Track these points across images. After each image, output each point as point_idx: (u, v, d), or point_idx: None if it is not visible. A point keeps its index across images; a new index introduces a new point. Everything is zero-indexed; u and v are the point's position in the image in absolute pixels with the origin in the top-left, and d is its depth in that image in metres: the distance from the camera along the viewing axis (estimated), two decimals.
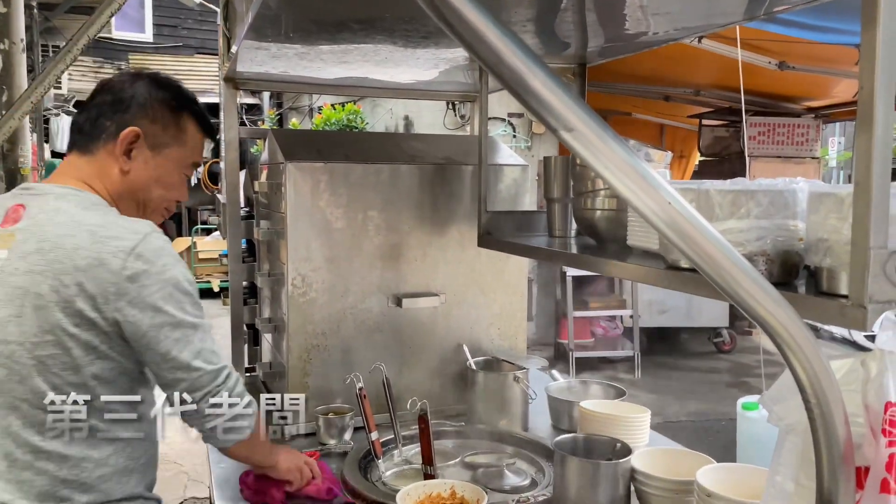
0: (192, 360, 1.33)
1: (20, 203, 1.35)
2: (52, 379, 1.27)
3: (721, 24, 1.79)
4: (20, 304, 1.26)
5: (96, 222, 1.31)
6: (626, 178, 0.73)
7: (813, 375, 0.82)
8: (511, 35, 0.68)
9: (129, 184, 1.44)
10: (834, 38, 4.55)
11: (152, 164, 1.45)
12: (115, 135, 1.41)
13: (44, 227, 1.30)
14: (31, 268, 1.26)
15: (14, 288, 1.26)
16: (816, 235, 1.00)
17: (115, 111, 1.42)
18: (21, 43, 2.74)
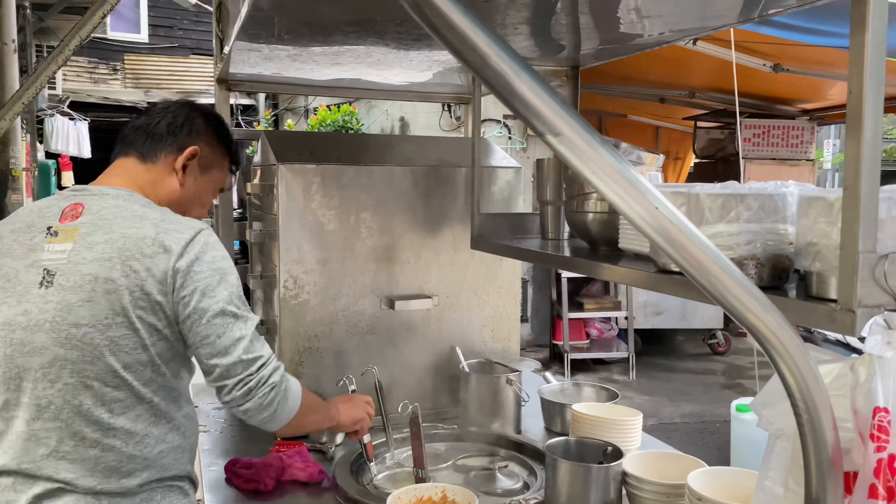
0: (230, 347, 1.40)
1: (77, 202, 1.45)
2: (123, 358, 1.36)
3: (715, 26, 1.79)
4: (91, 289, 1.34)
5: (157, 217, 1.44)
6: (612, 183, 0.73)
7: (801, 380, 0.82)
8: (497, 38, 0.68)
9: (179, 195, 1.58)
10: (828, 40, 4.56)
11: (200, 181, 1.62)
12: (178, 151, 1.56)
13: (109, 220, 1.41)
14: (99, 256, 1.36)
15: (83, 275, 1.35)
16: (806, 239, 1.00)
17: (179, 130, 1.58)
18: (13, 43, 2.72)
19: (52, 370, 1.34)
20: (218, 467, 1.94)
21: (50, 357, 1.34)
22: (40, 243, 1.39)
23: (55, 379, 1.34)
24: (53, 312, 1.34)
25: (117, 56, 12.35)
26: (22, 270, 1.38)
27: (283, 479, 1.84)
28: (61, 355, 1.34)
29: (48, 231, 1.40)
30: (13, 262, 1.39)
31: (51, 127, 9.78)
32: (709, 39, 4.69)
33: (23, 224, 1.45)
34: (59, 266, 1.36)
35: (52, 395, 1.34)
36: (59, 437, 1.34)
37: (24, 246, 1.40)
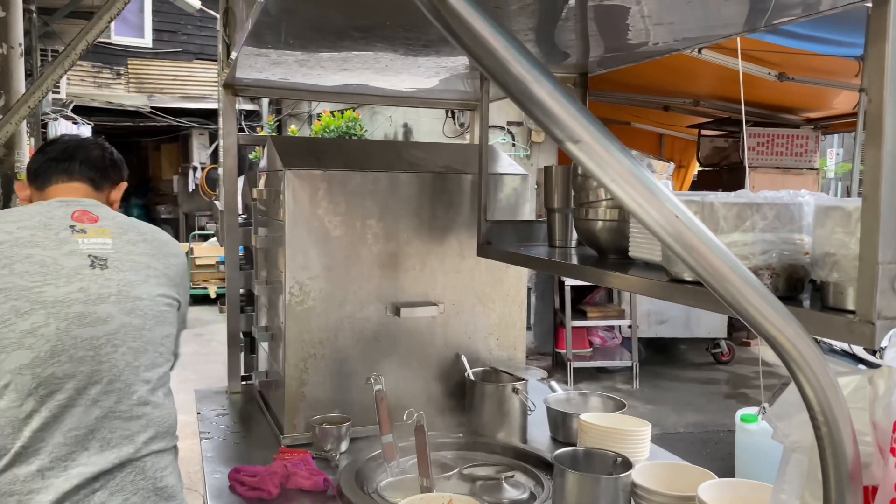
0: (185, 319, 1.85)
1: (81, 209, 1.66)
2: (167, 329, 1.68)
3: (722, 35, 1.78)
4: (145, 272, 1.64)
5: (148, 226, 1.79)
6: (632, 191, 0.72)
7: (821, 393, 0.80)
8: (516, 44, 0.67)
9: None
10: (834, 49, 4.56)
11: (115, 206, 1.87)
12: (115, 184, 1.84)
13: (135, 225, 1.73)
14: (143, 251, 1.67)
15: (135, 262, 1.64)
16: (823, 249, 0.98)
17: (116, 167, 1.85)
18: (19, 47, 2.72)
19: (119, 335, 1.55)
20: (221, 475, 1.92)
21: (117, 324, 1.56)
22: (69, 238, 1.58)
23: (120, 343, 1.55)
24: (118, 287, 1.58)
25: (121, 60, 12.37)
26: (60, 258, 1.55)
27: (287, 486, 1.82)
28: (127, 322, 1.57)
29: (72, 229, 1.60)
30: (44, 251, 1.54)
31: (55, 131, 9.77)
32: (714, 48, 4.69)
33: (33, 222, 1.59)
34: (108, 254, 1.61)
35: (117, 359, 1.54)
36: (118, 398, 1.54)
37: (50, 239, 1.56)
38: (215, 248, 11.20)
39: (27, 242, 1.54)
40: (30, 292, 1.49)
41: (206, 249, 11.48)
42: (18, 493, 1.43)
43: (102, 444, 1.51)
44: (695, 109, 6.78)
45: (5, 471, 1.44)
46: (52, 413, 1.46)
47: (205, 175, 13.03)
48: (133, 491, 1.53)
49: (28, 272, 1.50)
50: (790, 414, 1.05)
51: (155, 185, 16.12)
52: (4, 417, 1.44)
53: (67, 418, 1.48)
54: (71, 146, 1.79)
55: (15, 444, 1.44)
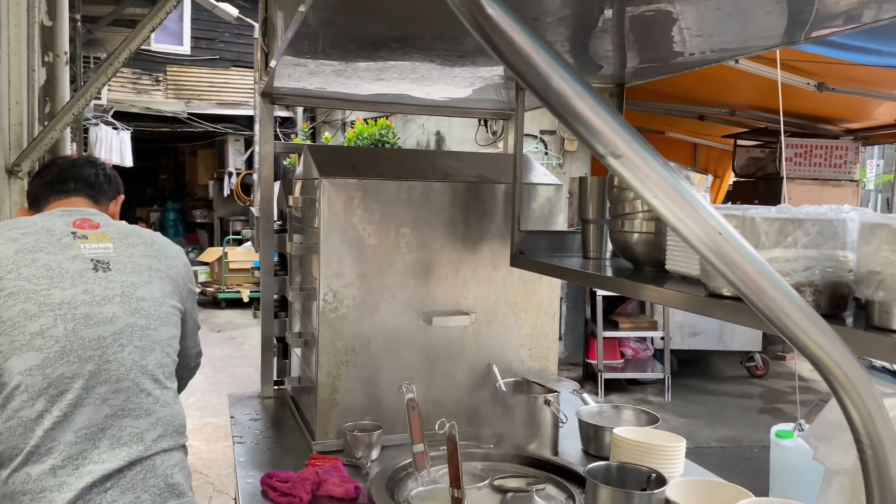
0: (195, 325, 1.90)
1: (82, 217, 1.72)
2: (172, 329, 1.71)
3: (760, 47, 1.76)
4: (147, 274, 1.69)
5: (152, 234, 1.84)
6: (674, 207, 0.71)
7: (866, 415, 0.78)
8: (559, 58, 0.67)
9: None
10: (875, 59, 4.47)
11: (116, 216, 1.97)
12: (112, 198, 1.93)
13: (135, 230, 1.78)
14: (144, 253, 1.72)
15: (138, 264, 1.69)
16: (868, 267, 0.96)
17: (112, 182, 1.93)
18: (65, 56, 2.79)
19: (125, 335, 1.59)
20: (254, 479, 1.94)
21: (122, 324, 1.59)
22: (71, 243, 1.63)
23: (127, 342, 1.59)
24: (121, 288, 1.62)
25: (160, 67, 12.62)
26: (64, 262, 1.60)
27: (318, 493, 1.83)
28: (132, 321, 1.61)
29: (74, 235, 1.65)
30: (49, 255, 1.59)
31: (95, 136, 10.01)
32: (751, 58, 4.63)
33: (36, 228, 1.65)
34: (110, 257, 1.65)
35: (123, 358, 1.57)
36: (126, 397, 1.57)
37: (53, 245, 1.62)
38: (249, 253, 11.33)
39: (32, 248, 1.59)
40: (38, 295, 1.53)
41: (240, 254, 11.62)
42: (31, 492, 1.45)
43: (113, 442, 1.53)
44: (731, 119, 6.69)
45: (18, 470, 1.46)
46: (63, 412, 1.49)
47: (240, 181, 13.21)
48: (144, 489, 1.56)
49: (35, 276, 1.55)
50: (831, 435, 1.03)
51: (191, 190, 16.39)
52: (16, 418, 1.47)
53: (77, 417, 1.51)
54: (65, 167, 1.87)
55: (28, 444, 1.47)
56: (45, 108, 2.73)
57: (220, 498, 4.41)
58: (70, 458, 1.48)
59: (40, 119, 2.71)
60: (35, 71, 2.64)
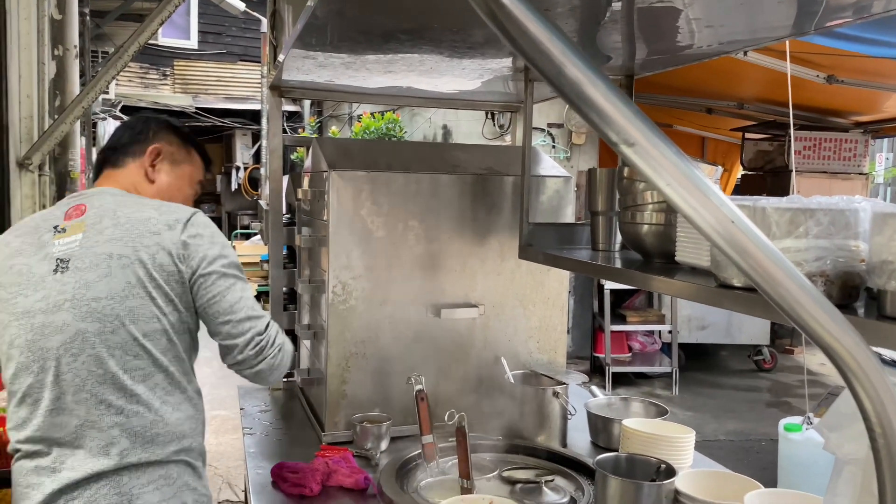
0: (235, 304, 1.53)
1: (79, 203, 1.59)
2: (142, 326, 1.47)
3: (770, 38, 1.75)
4: (107, 266, 1.47)
5: (156, 203, 1.60)
6: (687, 195, 0.71)
7: (879, 405, 0.78)
8: (572, 46, 0.67)
9: (157, 190, 1.72)
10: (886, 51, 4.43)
11: (173, 174, 1.76)
12: (142, 153, 1.71)
13: (113, 209, 1.55)
14: (110, 238, 1.50)
15: (98, 255, 1.48)
16: (881, 257, 0.96)
17: (140, 137, 1.73)
18: (74, 49, 2.80)
19: (76, 344, 1.44)
20: (264, 470, 1.95)
21: (72, 332, 1.44)
22: (49, 240, 1.52)
23: (78, 352, 1.44)
24: (73, 291, 1.46)
25: (167, 62, 12.64)
26: (34, 264, 1.50)
27: (328, 484, 1.84)
28: (82, 329, 1.44)
29: (55, 230, 1.54)
30: (25, 259, 1.52)
31: (103, 130, 10.03)
32: (760, 50, 4.60)
33: (28, 228, 1.59)
34: (73, 253, 1.49)
35: (77, 368, 1.44)
36: (87, 408, 1.44)
37: (33, 245, 1.53)
38: (257, 247, 11.34)
39: (15, 252, 1.53)
40: (8, 304, 1.49)
41: (248, 248, 11.64)
42: (20, 485, 1.48)
43: (87, 452, 1.45)
44: (739, 112, 6.66)
45: (18, 460, 1.50)
46: (42, 420, 1.46)
47: (247, 175, 13.24)
48: None
49: (10, 283, 1.50)
50: (843, 425, 1.03)
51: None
52: (15, 417, 1.51)
53: (56, 423, 1.46)
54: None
55: (23, 440, 1.48)
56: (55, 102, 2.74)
57: (229, 490, 4.44)
58: (53, 459, 1.45)
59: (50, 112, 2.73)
60: (45, 64, 2.66)
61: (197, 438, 1.57)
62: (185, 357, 1.55)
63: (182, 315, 1.53)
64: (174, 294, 1.50)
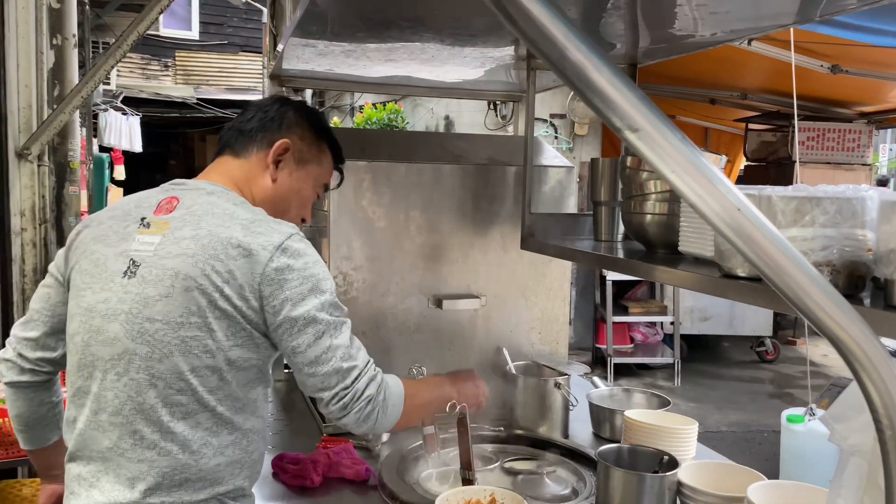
0: (321, 356, 1.35)
1: (173, 196, 1.43)
2: (191, 360, 1.31)
3: (774, 25, 1.73)
4: (170, 284, 1.31)
5: (248, 217, 1.39)
6: (692, 182, 0.70)
7: (887, 395, 0.77)
8: (575, 30, 0.65)
9: (274, 191, 1.53)
10: (890, 41, 4.40)
11: (295, 176, 1.56)
12: (269, 145, 1.52)
13: (199, 216, 1.37)
14: (183, 251, 1.33)
15: (165, 269, 1.32)
16: (888, 246, 0.95)
17: (270, 125, 1.54)
18: (73, 38, 2.78)
19: (121, 363, 1.32)
20: (265, 461, 1.94)
21: (120, 349, 1.32)
22: (132, 233, 1.38)
23: (122, 373, 1.32)
24: (130, 304, 1.32)
25: (168, 53, 12.60)
26: (111, 258, 1.37)
27: (329, 475, 1.83)
28: (131, 349, 1.31)
29: (141, 222, 1.39)
30: (105, 249, 1.39)
31: (104, 121, 10.02)
32: (764, 39, 4.57)
33: (121, 212, 1.44)
34: (145, 258, 1.34)
35: (118, 389, 1.32)
36: (120, 434, 1.32)
37: (117, 234, 1.39)
38: None
39: (100, 236, 1.41)
40: (78, 293, 1.39)
41: None
42: (67, 486, 1.41)
43: (115, 478, 1.33)
44: (742, 103, 6.62)
45: (69, 457, 1.41)
46: (83, 428, 1.36)
47: None
48: None
49: (85, 271, 1.39)
50: (849, 416, 1.02)
51: None
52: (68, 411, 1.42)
53: (90, 438, 1.36)
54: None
55: (71, 441, 1.40)
56: (53, 92, 2.73)
57: None
58: (91, 473, 1.35)
59: (49, 102, 2.71)
60: (43, 53, 2.64)
61: (236, 481, 1.40)
62: (243, 394, 1.38)
63: (248, 352, 1.36)
64: (239, 331, 1.33)
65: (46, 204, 2.94)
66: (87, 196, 7.09)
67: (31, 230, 2.92)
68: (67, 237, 1.50)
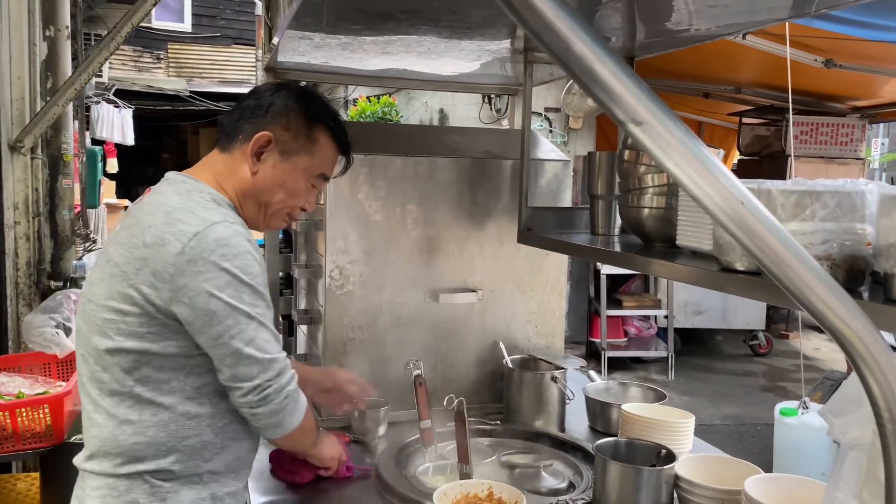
0: (244, 348, 1.34)
1: (151, 187, 1.49)
2: (108, 341, 1.36)
3: (768, 20, 1.72)
4: (105, 269, 1.39)
5: (175, 205, 1.38)
6: (696, 175, 0.69)
7: (887, 389, 0.77)
8: (580, 21, 0.65)
9: (255, 185, 1.49)
10: (885, 35, 4.41)
11: (279, 168, 1.50)
12: (251, 137, 1.47)
13: (141, 206, 1.43)
14: (120, 240, 1.39)
15: (108, 256, 1.41)
16: (888, 240, 0.95)
17: (254, 115, 1.49)
18: (66, 30, 2.76)
19: (79, 343, 1.45)
20: (262, 455, 1.94)
21: (77, 331, 1.46)
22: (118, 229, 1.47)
23: (79, 348, 1.45)
24: (87, 288, 1.45)
25: (161, 45, 12.54)
26: (106, 248, 1.46)
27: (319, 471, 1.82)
28: (81, 327, 1.43)
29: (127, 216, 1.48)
30: (110, 240, 1.48)
31: (97, 114, 9.96)
32: (759, 33, 4.57)
33: (132, 206, 1.52)
34: (108, 246, 1.45)
35: (79, 364, 1.45)
36: (82, 404, 1.45)
37: (119, 224, 1.48)
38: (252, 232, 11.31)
39: (115, 230, 1.49)
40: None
41: None
42: None
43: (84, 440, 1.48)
44: (736, 97, 6.63)
45: None
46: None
47: None
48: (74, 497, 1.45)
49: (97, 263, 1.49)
50: (847, 410, 1.02)
51: None
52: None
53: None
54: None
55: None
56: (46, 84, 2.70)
57: None
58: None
59: (42, 94, 2.69)
60: (36, 45, 2.62)
61: (162, 462, 1.38)
62: (168, 377, 1.37)
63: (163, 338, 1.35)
64: (150, 316, 1.34)
65: (40, 197, 2.92)
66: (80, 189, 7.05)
67: (25, 223, 2.90)
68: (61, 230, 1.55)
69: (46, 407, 2.36)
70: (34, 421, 2.35)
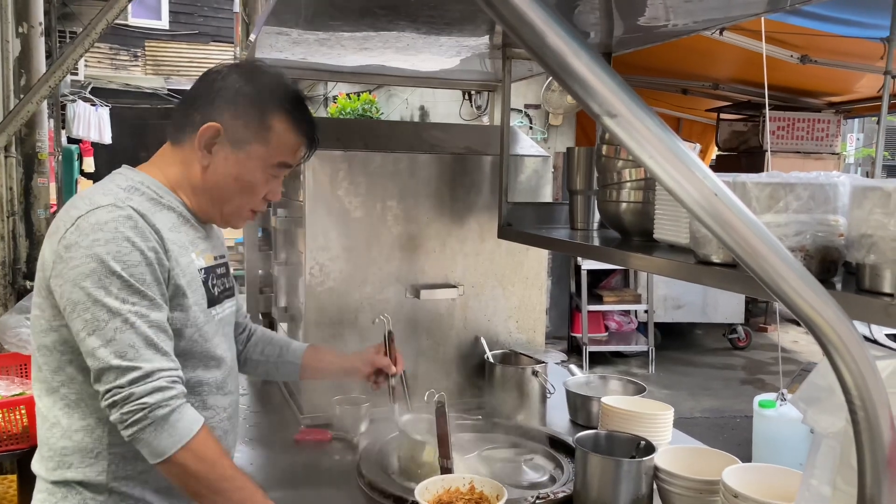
0: (100, 348, 1.20)
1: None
2: (37, 338, 1.32)
3: (745, 14, 1.74)
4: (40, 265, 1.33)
5: (83, 193, 1.31)
6: (670, 168, 0.70)
7: (859, 377, 0.78)
8: (555, 15, 0.65)
9: (205, 180, 1.37)
10: (858, 31, 4.47)
11: (232, 160, 1.36)
12: (198, 128, 1.34)
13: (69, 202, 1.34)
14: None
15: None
16: (860, 231, 0.96)
17: (203, 103, 1.36)
18: (39, 27, 2.72)
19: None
20: (241, 454, 1.93)
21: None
22: None
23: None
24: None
25: (138, 43, 12.40)
26: None
27: None
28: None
29: None
30: None
31: (73, 112, 9.83)
32: (735, 29, 4.62)
33: None
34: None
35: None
36: None
37: None
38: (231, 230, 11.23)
39: None
40: None
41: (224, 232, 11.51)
42: None
43: None
44: (714, 93, 6.69)
45: None
46: None
47: None
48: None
49: None
50: (819, 398, 1.04)
51: None
52: None
53: None
54: None
55: None
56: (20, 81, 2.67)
57: None
58: None
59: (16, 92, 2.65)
60: (9, 42, 2.58)
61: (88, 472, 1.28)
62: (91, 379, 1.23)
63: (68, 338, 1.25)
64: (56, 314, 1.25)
65: (14, 196, 2.88)
66: (56, 188, 6.96)
67: None
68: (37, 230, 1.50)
69: (23, 408, 2.34)
70: (10, 422, 2.33)
